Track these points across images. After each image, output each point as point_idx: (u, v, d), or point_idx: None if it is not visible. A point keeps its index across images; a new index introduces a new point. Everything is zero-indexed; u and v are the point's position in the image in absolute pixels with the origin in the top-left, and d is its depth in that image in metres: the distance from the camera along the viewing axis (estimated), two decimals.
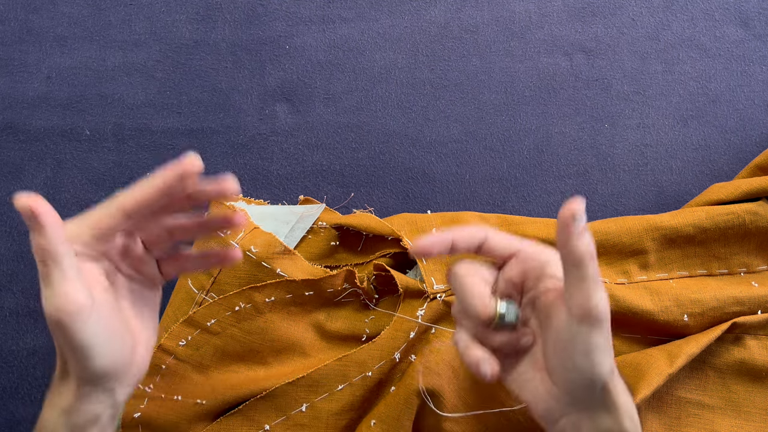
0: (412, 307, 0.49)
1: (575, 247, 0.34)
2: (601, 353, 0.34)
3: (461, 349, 0.38)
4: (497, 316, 0.37)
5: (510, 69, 0.59)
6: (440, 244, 0.37)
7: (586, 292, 0.34)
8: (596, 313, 0.34)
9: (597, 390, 0.35)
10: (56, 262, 0.32)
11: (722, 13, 0.61)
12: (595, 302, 0.34)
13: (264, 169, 0.58)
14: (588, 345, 0.34)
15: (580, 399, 0.36)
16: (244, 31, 0.60)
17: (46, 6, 0.60)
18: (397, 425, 0.46)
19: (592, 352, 0.34)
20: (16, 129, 0.58)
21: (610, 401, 0.36)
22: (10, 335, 0.55)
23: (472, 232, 0.38)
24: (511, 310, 0.37)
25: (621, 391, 0.36)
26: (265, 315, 0.50)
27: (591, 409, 0.36)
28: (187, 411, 0.48)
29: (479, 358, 0.37)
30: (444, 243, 0.37)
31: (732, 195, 0.52)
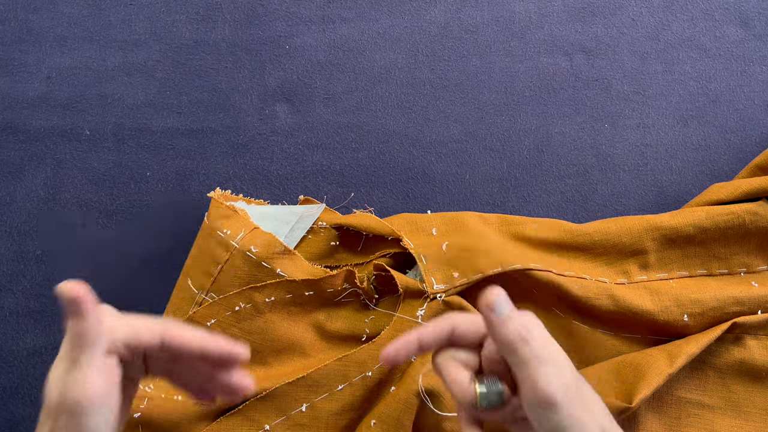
0: (412, 307, 0.49)
1: (501, 336, 0.33)
2: (570, 429, 0.33)
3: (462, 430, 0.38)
4: (479, 400, 0.36)
5: (510, 69, 0.59)
6: (406, 348, 0.36)
7: (531, 377, 0.33)
8: (546, 398, 0.33)
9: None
10: (90, 348, 0.33)
11: (722, 13, 0.61)
12: (542, 386, 0.33)
13: (264, 169, 0.58)
14: (551, 426, 0.33)
15: None
16: (244, 31, 0.60)
17: (46, 6, 0.60)
18: (397, 425, 0.46)
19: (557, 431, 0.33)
20: (16, 129, 0.58)
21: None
22: (10, 335, 0.55)
23: (437, 326, 0.37)
24: (493, 390, 0.36)
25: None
26: (265, 315, 0.50)
27: None
28: (187, 411, 0.48)
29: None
30: (410, 345, 0.36)
31: (732, 195, 0.52)
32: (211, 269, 0.50)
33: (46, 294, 0.55)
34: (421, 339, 0.37)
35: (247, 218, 0.51)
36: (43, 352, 0.54)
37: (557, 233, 0.52)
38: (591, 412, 0.34)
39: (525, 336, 0.33)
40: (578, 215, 0.57)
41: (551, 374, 0.33)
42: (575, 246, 0.52)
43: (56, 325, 0.55)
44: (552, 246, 0.52)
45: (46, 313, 0.55)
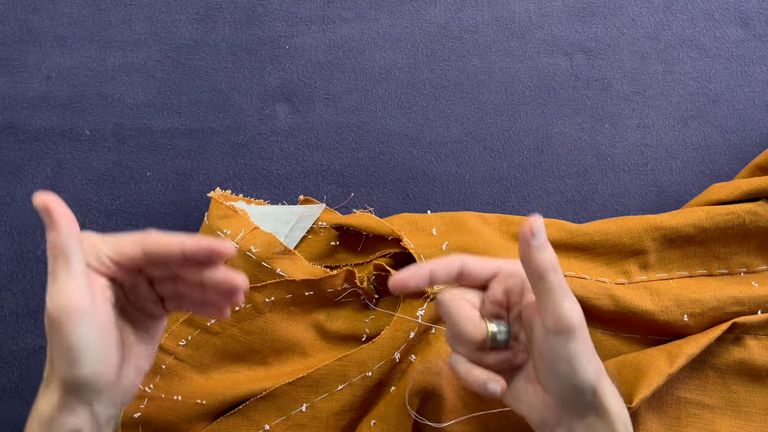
0: (412, 307, 0.49)
1: (536, 261, 0.35)
2: (580, 360, 0.35)
3: (463, 374, 0.39)
4: (489, 337, 0.38)
5: (510, 69, 0.59)
6: (418, 276, 0.38)
7: (554, 304, 0.35)
8: (567, 323, 0.35)
9: (587, 396, 0.36)
10: (65, 258, 0.33)
11: (722, 13, 0.61)
12: (564, 312, 0.35)
13: (264, 169, 0.58)
14: (566, 354, 0.35)
15: (572, 406, 0.36)
16: (244, 31, 0.60)
17: (46, 6, 0.60)
18: (397, 425, 0.46)
19: (571, 360, 0.35)
20: (16, 129, 0.58)
21: (601, 407, 0.36)
22: (10, 335, 0.55)
23: (448, 262, 0.39)
24: (502, 329, 0.38)
25: (612, 397, 0.37)
26: (265, 315, 0.50)
27: (583, 416, 0.36)
28: (187, 411, 0.48)
29: (484, 378, 0.38)
30: (422, 275, 0.38)
31: (732, 195, 0.52)
32: None
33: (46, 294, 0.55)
34: (432, 271, 0.38)
35: (247, 218, 0.51)
36: (43, 352, 0.54)
37: (557, 233, 0.52)
38: (594, 353, 0.37)
39: (556, 267, 0.35)
40: (578, 215, 0.57)
41: (573, 305, 0.35)
42: (575, 246, 0.52)
43: None
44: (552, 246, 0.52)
45: None
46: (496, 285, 0.39)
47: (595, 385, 0.36)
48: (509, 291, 0.39)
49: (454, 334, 0.39)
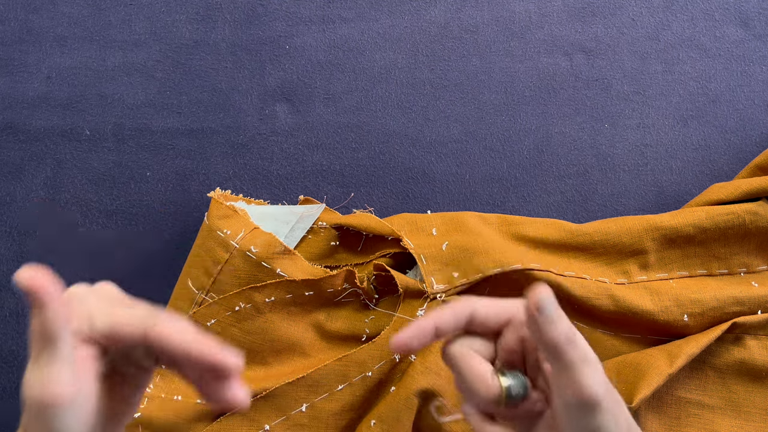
0: (412, 307, 0.49)
1: (548, 339, 0.31)
2: (609, 429, 0.32)
3: (476, 428, 0.36)
4: (504, 395, 0.34)
5: (510, 69, 0.59)
6: (421, 334, 0.33)
7: (575, 380, 0.31)
8: (591, 400, 0.31)
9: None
10: (52, 342, 0.30)
11: (722, 13, 0.61)
12: (588, 389, 0.31)
13: (264, 169, 0.58)
14: (593, 428, 0.32)
15: None
16: (244, 31, 0.60)
17: (46, 6, 0.60)
18: (397, 425, 0.46)
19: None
20: (16, 129, 0.58)
21: None
22: (10, 335, 0.55)
23: (456, 311, 0.35)
24: (517, 385, 0.35)
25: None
26: (265, 315, 0.50)
27: None
28: (187, 411, 0.48)
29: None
30: (426, 332, 0.34)
31: (732, 195, 0.52)
32: (211, 269, 0.50)
33: None
34: (438, 325, 0.34)
35: (247, 218, 0.51)
36: None
37: (557, 233, 0.52)
38: (622, 409, 0.33)
39: (572, 338, 0.32)
40: (578, 215, 0.57)
41: (595, 376, 0.32)
42: (575, 246, 0.52)
43: None
44: (552, 246, 0.52)
45: None
46: (510, 333, 0.35)
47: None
48: (525, 340, 0.35)
49: (465, 390, 0.35)
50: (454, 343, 0.35)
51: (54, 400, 0.30)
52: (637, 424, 0.48)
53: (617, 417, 0.33)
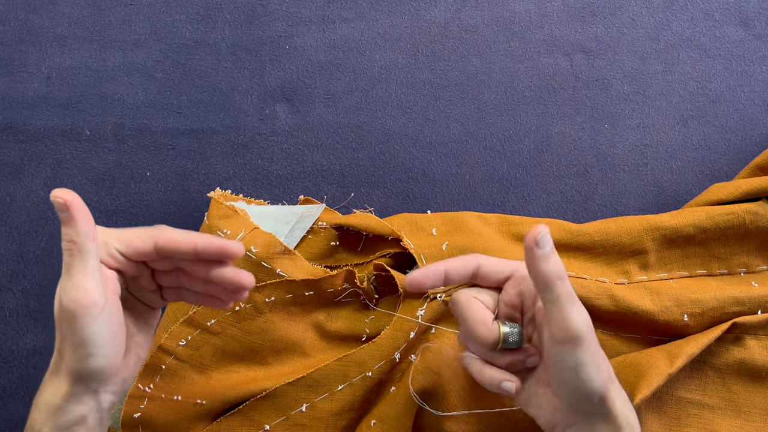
0: (412, 307, 0.49)
1: (541, 270, 0.35)
2: (588, 368, 0.35)
3: (476, 373, 0.39)
4: (501, 340, 0.38)
5: (510, 69, 0.59)
6: (433, 276, 0.38)
7: (561, 314, 0.35)
8: (573, 332, 0.35)
9: (594, 403, 0.36)
10: (81, 255, 0.34)
11: (722, 13, 0.61)
12: (571, 322, 0.35)
13: (264, 169, 0.58)
14: (573, 362, 0.35)
15: (580, 411, 0.36)
16: (244, 31, 0.60)
17: (46, 6, 0.60)
18: (398, 425, 0.46)
19: (578, 369, 0.35)
20: (16, 129, 0.58)
21: (609, 412, 0.36)
22: (10, 335, 0.55)
23: (464, 261, 0.39)
24: (514, 332, 0.38)
25: (621, 401, 0.37)
26: (265, 315, 0.50)
27: (591, 421, 0.37)
28: (187, 411, 0.48)
29: (499, 377, 0.38)
30: (437, 275, 0.38)
31: (732, 195, 0.52)
32: None
33: (46, 294, 0.55)
34: (448, 270, 0.38)
35: (247, 218, 0.51)
36: (43, 352, 0.54)
37: (557, 233, 0.52)
38: (603, 356, 0.37)
39: (562, 275, 0.35)
40: (578, 215, 0.57)
41: (581, 313, 0.35)
42: (575, 246, 0.52)
43: None
44: None
45: (46, 313, 0.55)
46: (511, 288, 0.39)
47: (603, 392, 0.36)
48: (523, 294, 0.39)
49: (466, 334, 0.39)
50: (461, 292, 0.39)
51: (84, 306, 0.34)
52: None
53: (597, 358, 0.36)
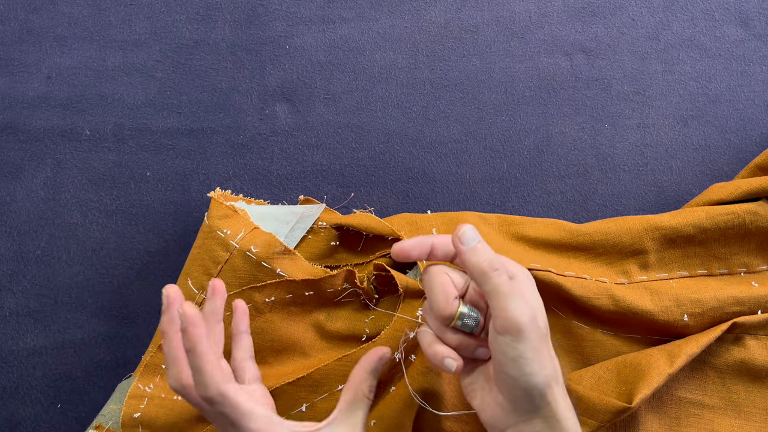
0: (412, 307, 0.49)
1: (471, 263, 0.36)
2: (529, 362, 0.35)
3: (425, 345, 0.39)
4: (456, 316, 0.38)
5: (510, 69, 0.59)
6: (420, 247, 0.38)
7: (501, 303, 0.35)
8: (513, 323, 0.35)
9: (535, 399, 0.36)
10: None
11: (722, 13, 0.61)
12: (510, 313, 0.35)
13: (264, 169, 0.58)
14: (515, 354, 0.35)
15: (522, 409, 0.36)
16: (244, 31, 0.60)
17: (46, 6, 0.60)
18: (397, 425, 0.46)
19: (520, 361, 0.35)
20: (16, 129, 0.58)
21: (551, 414, 0.36)
22: (10, 335, 0.55)
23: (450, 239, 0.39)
24: (472, 316, 0.39)
25: (563, 405, 0.37)
26: (265, 315, 0.50)
27: (530, 420, 0.36)
28: (187, 411, 0.48)
29: (443, 353, 0.38)
30: (424, 247, 0.38)
31: (732, 195, 0.52)
32: (211, 269, 0.50)
33: (46, 294, 0.55)
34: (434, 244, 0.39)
35: (247, 218, 0.51)
36: (43, 352, 0.54)
37: (557, 233, 0.52)
38: (547, 348, 0.37)
39: (496, 266, 0.36)
40: (578, 215, 0.57)
41: (522, 306, 0.35)
42: (575, 246, 0.52)
43: (56, 325, 0.55)
44: (552, 246, 0.52)
45: (46, 313, 0.55)
46: None
47: (544, 390, 0.36)
48: None
49: (427, 306, 0.40)
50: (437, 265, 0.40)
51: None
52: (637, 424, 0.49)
53: (540, 354, 0.36)
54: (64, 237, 0.56)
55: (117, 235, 0.56)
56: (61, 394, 0.54)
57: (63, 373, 0.54)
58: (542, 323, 0.37)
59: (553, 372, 0.37)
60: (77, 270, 0.56)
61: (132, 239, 0.56)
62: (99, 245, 0.56)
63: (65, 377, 0.54)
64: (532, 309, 0.36)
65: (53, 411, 0.54)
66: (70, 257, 0.56)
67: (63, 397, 0.54)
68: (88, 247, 0.56)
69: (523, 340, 0.35)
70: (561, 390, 0.37)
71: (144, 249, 0.56)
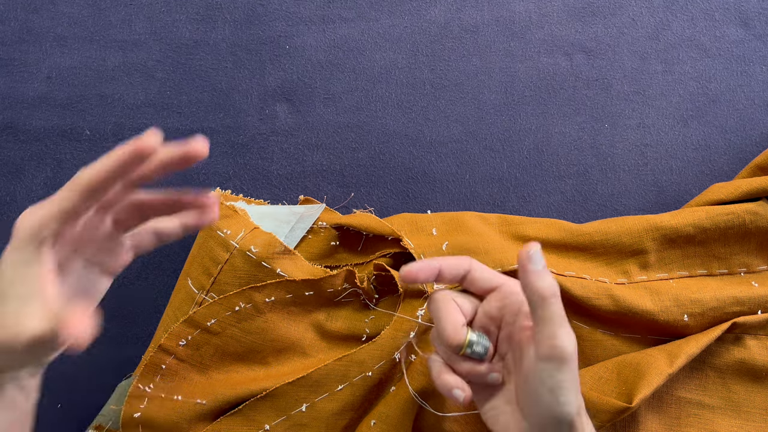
0: (412, 307, 0.49)
1: (536, 287, 0.35)
2: (566, 391, 0.35)
3: (434, 375, 0.39)
4: (465, 345, 0.38)
5: (510, 69, 0.59)
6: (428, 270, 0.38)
7: (551, 331, 0.35)
8: (560, 352, 0.35)
9: (563, 428, 0.36)
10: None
11: (722, 13, 0.61)
12: (560, 341, 0.35)
13: (264, 169, 0.58)
14: (553, 383, 0.35)
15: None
16: (244, 31, 0.60)
17: (46, 6, 0.60)
18: (398, 425, 0.46)
19: (557, 390, 0.35)
20: (16, 129, 0.58)
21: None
22: None
23: (458, 263, 0.39)
24: (481, 342, 0.38)
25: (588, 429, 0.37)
26: (265, 315, 0.50)
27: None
28: (187, 411, 0.48)
29: (451, 383, 0.38)
30: (431, 270, 0.38)
31: (732, 195, 0.52)
32: (212, 269, 0.50)
33: None
34: (442, 268, 0.38)
35: (247, 218, 0.51)
36: None
37: (557, 233, 0.52)
38: (579, 388, 0.36)
39: (556, 293, 0.35)
40: (578, 215, 0.57)
41: (570, 335, 0.35)
42: (575, 246, 0.52)
43: None
44: (552, 246, 0.52)
45: None
46: (494, 300, 0.39)
47: (574, 419, 0.35)
48: (505, 309, 0.39)
49: (436, 333, 0.39)
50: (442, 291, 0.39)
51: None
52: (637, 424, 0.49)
53: (576, 384, 0.36)
54: None
55: None
56: (61, 394, 0.54)
57: (63, 373, 0.54)
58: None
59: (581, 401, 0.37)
60: None
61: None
62: None
63: (65, 377, 0.54)
64: (575, 339, 0.36)
65: (53, 411, 0.54)
66: None
67: (63, 397, 0.54)
68: None
69: (565, 370, 0.35)
70: (586, 419, 0.37)
71: None
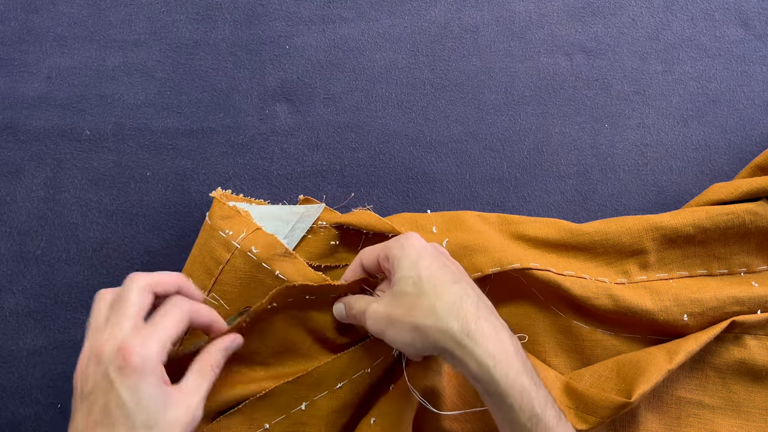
0: None
1: (351, 317, 0.47)
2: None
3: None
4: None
5: (510, 69, 0.60)
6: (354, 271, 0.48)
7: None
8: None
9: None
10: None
11: (722, 13, 0.61)
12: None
13: (264, 169, 0.58)
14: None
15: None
16: (244, 31, 0.60)
17: (46, 6, 0.60)
18: (398, 423, 0.46)
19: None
20: (16, 129, 0.58)
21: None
22: (10, 335, 0.55)
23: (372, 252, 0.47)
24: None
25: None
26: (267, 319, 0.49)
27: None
28: None
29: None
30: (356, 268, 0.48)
31: (732, 195, 0.52)
32: (213, 269, 0.50)
33: (46, 294, 0.55)
34: (362, 260, 0.47)
35: (249, 219, 0.51)
36: (43, 352, 0.54)
37: (557, 233, 0.52)
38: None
39: (363, 310, 0.44)
40: (578, 215, 0.57)
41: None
42: (575, 246, 0.52)
43: (56, 325, 0.55)
44: (552, 245, 0.52)
45: (46, 313, 0.55)
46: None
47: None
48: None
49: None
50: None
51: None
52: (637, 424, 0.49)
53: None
54: (64, 237, 0.56)
55: (117, 235, 0.56)
56: (61, 394, 0.54)
57: (63, 373, 0.54)
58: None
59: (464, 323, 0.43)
60: (77, 270, 0.56)
61: (132, 239, 0.56)
62: (99, 245, 0.56)
63: (65, 377, 0.54)
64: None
65: (53, 411, 0.54)
66: (70, 257, 0.56)
67: (63, 397, 0.54)
68: (88, 247, 0.56)
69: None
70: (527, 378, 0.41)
71: (144, 249, 0.56)
